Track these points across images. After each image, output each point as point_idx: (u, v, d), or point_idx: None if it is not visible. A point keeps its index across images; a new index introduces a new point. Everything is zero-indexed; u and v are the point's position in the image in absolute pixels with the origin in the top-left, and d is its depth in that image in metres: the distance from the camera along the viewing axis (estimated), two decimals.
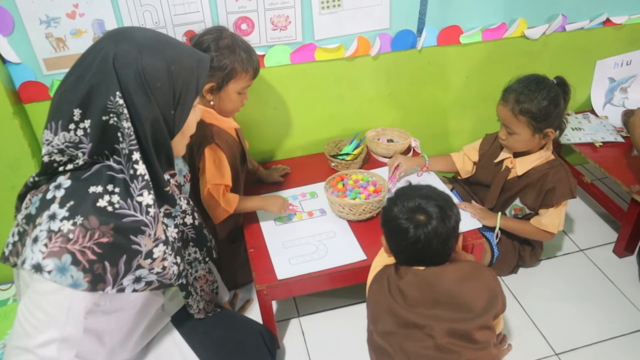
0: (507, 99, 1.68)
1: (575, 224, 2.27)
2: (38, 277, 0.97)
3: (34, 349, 0.98)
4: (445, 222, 1.25)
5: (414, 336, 1.25)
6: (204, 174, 1.59)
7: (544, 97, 1.62)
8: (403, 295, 1.28)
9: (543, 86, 1.64)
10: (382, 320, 1.31)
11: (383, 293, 1.32)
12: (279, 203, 1.72)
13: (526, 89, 1.65)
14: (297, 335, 1.81)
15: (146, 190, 1.05)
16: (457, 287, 1.26)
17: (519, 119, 1.66)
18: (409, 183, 1.38)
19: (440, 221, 1.24)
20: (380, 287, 1.34)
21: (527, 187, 1.79)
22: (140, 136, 1.02)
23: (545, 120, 1.65)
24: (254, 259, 1.62)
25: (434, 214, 1.25)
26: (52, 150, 1.03)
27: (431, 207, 1.26)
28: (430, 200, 1.27)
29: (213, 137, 1.57)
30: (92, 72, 0.99)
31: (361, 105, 2.15)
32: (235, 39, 1.52)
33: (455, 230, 1.30)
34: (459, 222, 1.31)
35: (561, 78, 1.67)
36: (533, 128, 1.66)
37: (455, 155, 2.03)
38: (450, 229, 1.27)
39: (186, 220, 1.33)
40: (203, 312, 1.44)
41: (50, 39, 1.66)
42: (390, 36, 1.98)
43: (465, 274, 1.29)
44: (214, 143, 1.57)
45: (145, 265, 1.09)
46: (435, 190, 1.32)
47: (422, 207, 1.26)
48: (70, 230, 0.97)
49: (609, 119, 2.34)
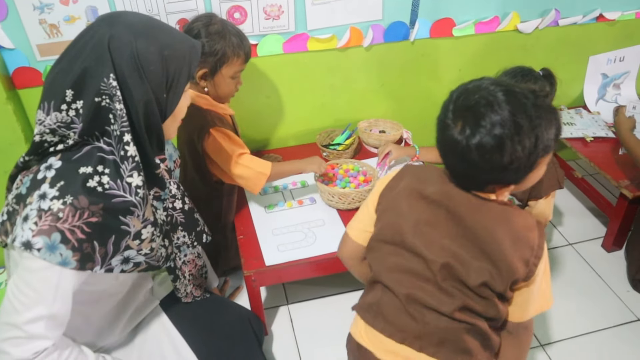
0: None
1: (565, 218, 2.29)
2: (27, 255, 0.98)
3: (22, 325, 0.99)
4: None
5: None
6: (223, 152, 1.58)
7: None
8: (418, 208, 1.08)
9: (529, 78, 1.65)
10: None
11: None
12: (317, 161, 1.72)
13: (512, 80, 1.66)
14: (286, 322, 1.82)
15: (136, 172, 1.06)
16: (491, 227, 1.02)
17: None
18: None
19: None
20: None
21: None
22: (132, 118, 1.03)
23: None
24: (243, 246, 1.63)
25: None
26: (44, 130, 1.04)
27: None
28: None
29: (214, 120, 1.58)
30: (86, 54, 1.00)
31: (353, 96, 2.16)
32: (225, 25, 1.54)
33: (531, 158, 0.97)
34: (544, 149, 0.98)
35: (547, 70, 1.68)
36: None
37: None
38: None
39: (175, 205, 1.34)
40: (191, 296, 1.46)
41: (44, 25, 1.67)
42: (383, 27, 1.99)
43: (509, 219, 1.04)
44: (217, 125, 1.58)
45: (134, 246, 1.10)
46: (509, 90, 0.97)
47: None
48: (60, 209, 0.99)
49: (600, 115, 2.35)
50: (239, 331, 1.46)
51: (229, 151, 1.58)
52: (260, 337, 1.53)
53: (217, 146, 1.58)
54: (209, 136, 1.57)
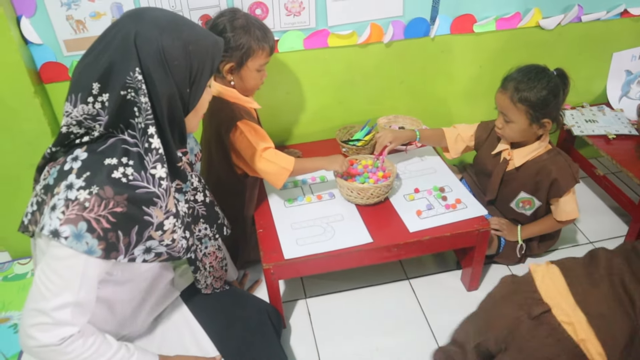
0: (506, 87, 1.69)
1: (586, 217, 2.26)
2: (55, 243, 1.01)
3: (50, 311, 1.02)
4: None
5: None
6: (249, 146, 1.61)
7: (543, 86, 1.63)
8: None
9: (543, 76, 1.64)
10: None
11: None
12: (340, 160, 1.74)
13: (526, 78, 1.65)
14: (304, 315, 1.84)
15: (159, 164, 1.08)
16: None
17: (517, 107, 1.67)
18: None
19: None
20: None
21: (529, 179, 1.80)
22: (156, 111, 1.06)
23: (543, 110, 1.65)
24: (263, 239, 1.65)
25: None
26: (71, 122, 1.07)
27: None
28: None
29: (241, 113, 1.61)
30: (112, 49, 1.03)
31: (373, 92, 2.17)
32: (249, 19, 1.56)
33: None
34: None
35: (561, 70, 1.67)
36: (530, 117, 1.67)
37: (448, 131, 1.98)
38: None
39: (197, 197, 1.37)
40: (210, 287, 1.48)
41: (71, 21, 1.71)
42: (404, 24, 1.99)
43: None
44: (245, 118, 1.60)
45: (156, 236, 1.13)
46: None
47: None
48: (86, 199, 1.01)
49: (624, 112, 2.32)
50: (257, 323, 1.48)
51: (255, 145, 1.60)
52: (278, 329, 1.56)
53: (243, 139, 1.61)
54: (236, 129, 1.60)
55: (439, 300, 1.87)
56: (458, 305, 1.85)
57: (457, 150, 1.99)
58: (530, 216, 1.88)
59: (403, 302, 1.88)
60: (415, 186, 1.85)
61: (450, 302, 1.87)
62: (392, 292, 1.92)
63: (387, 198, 1.80)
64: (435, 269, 2.01)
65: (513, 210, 1.89)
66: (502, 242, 1.90)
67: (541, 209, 1.85)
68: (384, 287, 1.94)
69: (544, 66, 1.68)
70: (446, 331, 1.73)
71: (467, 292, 1.91)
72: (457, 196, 1.80)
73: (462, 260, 1.93)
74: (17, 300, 1.92)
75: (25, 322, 1.04)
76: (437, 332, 1.76)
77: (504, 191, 1.88)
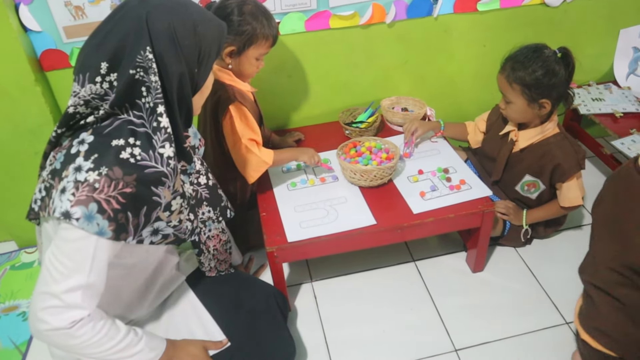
0: (504, 67, 1.69)
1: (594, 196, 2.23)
2: (66, 225, 1.01)
3: (60, 294, 1.02)
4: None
5: None
6: (234, 132, 1.62)
7: (539, 66, 1.60)
8: None
9: (538, 55, 1.62)
10: None
11: None
12: (309, 152, 1.79)
13: (522, 57, 1.63)
14: (310, 298, 1.85)
15: (168, 143, 1.08)
16: None
17: (513, 87, 1.65)
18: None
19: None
20: None
21: (534, 162, 1.78)
22: (166, 90, 1.06)
23: (539, 90, 1.63)
24: (266, 222, 1.65)
25: None
26: (79, 102, 1.07)
27: None
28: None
29: (235, 96, 1.61)
30: (123, 29, 1.03)
31: (376, 74, 2.14)
32: (258, 6, 1.56)
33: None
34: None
35: (565, 49, 1.63)
36: (527, 97, 1.65)
37: (470, 124, 2.03)
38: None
39: (200, 180, 1.37)
40: (214, 270, 1.49)
41: (69, 7, 1.70)
42: (406, 3, 1.96)
43: None
44: (238, 101, 1.60)
45: (164, 217, 1.14)
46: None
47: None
48: (96, 180, 1.01)
49: (631, 90, 2.29)
50: (263, 306, 1.48)
51: (240, 132, 1.61)
52: (284, 312, 1.56)
53: (230, 123, 1.62)
54: (227, 112, 1.60)
55: (445, 282, 1.87)
56: (464, 286, 1.85)
57: (476, 141, 2.02)
58: (535, 199, 1.87)
59: (409, 284, 1.87)
60: (419, 167, 1.84)
61: (456, 283, 1.86)
62: (398, 274, 1.92)
63: (391, 180, 1.79)
64: (441, 250, 2.01)
65: (518, 193, 1.88)
66: (507, 224, 1.89)
67: (546, 192, 1.84)
68: (390, 269, 1.94)
69: (542, 45, 1.66)
70: (452, 312, 1.74)
71: (472, 273, 1.90)
72: (462, 177, 1.78)
73: (467, 242, 1.92)
74: (24, 288, 1.94)
75: (35, 305, 1.04)
76: (443, 313, 1.75)
77: (509, 173, 1.86)
